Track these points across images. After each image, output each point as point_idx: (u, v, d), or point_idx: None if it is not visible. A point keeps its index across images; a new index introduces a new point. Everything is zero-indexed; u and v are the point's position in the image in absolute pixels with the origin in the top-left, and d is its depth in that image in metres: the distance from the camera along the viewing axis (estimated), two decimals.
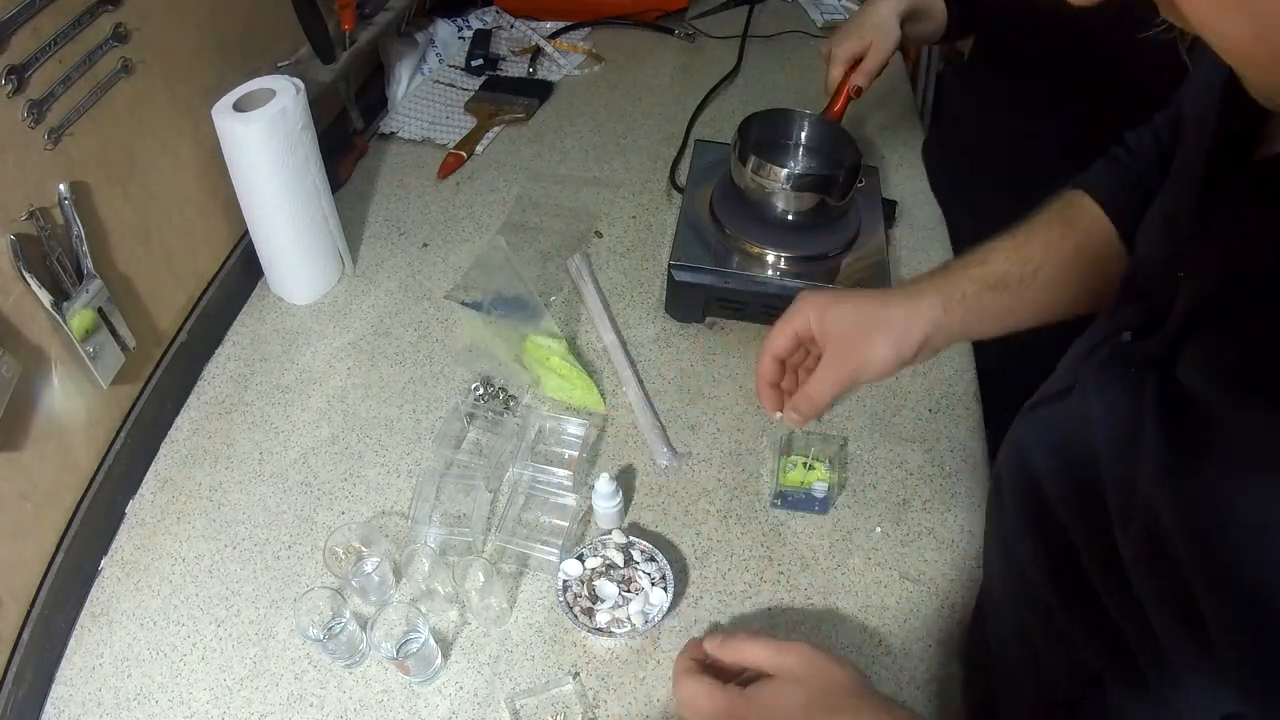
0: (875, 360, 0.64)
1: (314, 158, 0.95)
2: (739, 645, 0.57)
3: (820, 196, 0.96)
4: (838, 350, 0.65)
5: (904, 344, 0.64)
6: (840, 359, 0.65)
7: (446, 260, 1.10)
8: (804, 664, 0.54)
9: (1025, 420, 0.60)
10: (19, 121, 0.70)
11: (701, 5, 1.62)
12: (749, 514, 0.84)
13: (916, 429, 0.91)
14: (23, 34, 0.69)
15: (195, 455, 0.89)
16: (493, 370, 0.95)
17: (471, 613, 0.76)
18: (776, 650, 0.55)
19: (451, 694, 0.71)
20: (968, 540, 0.82)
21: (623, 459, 0.88)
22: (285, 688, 0.72)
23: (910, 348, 0.64)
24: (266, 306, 1.04)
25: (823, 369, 0.66)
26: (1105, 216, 0.66)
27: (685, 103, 1.37)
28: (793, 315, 0.68)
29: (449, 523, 0.82)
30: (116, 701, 0.71)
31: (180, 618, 0.76)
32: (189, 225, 0.95)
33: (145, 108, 0.85)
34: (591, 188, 1.22)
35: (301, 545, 0.81)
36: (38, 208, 0.71)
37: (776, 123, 1.06)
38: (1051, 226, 0.67)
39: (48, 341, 0.74)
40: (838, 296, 0.67)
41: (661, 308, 1.03)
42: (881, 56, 0.98)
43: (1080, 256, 0.65)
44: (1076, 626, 0.53)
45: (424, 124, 1.32)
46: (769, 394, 0.70)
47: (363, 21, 1.20)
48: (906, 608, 0.77)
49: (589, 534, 0.82)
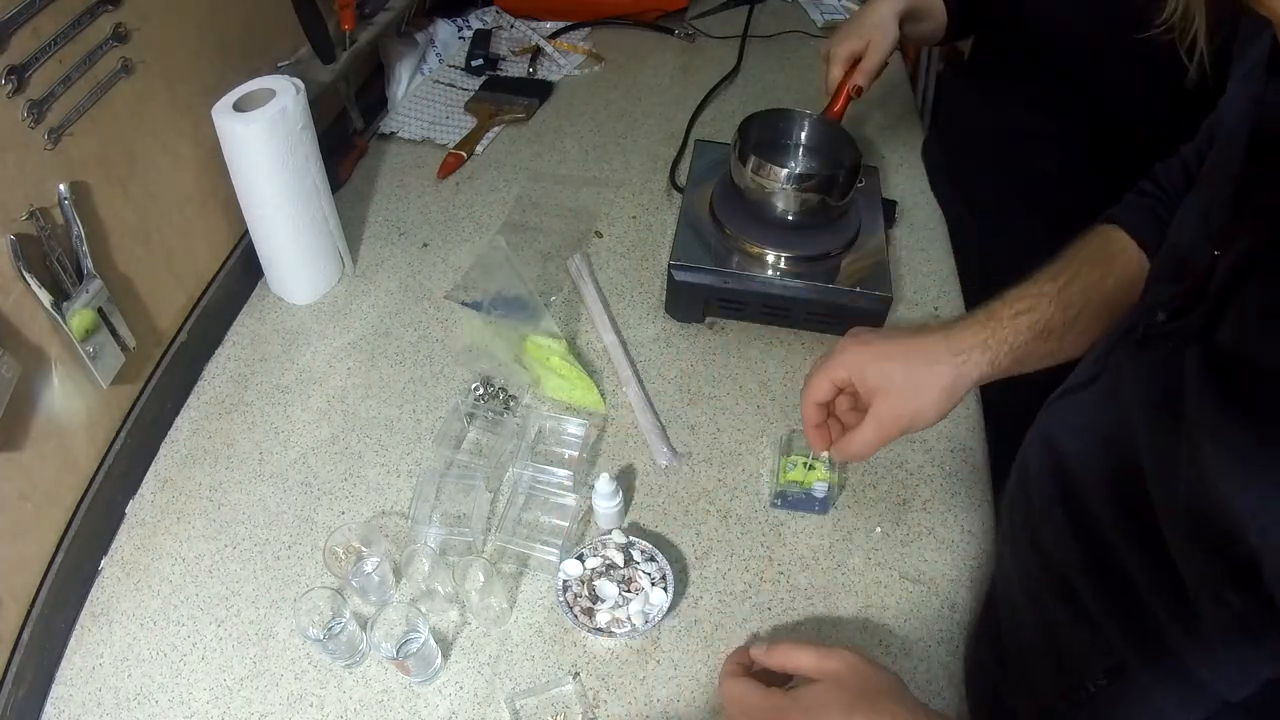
0: (925, 418, 0.65)
1: (314, 158, 0.95)
2: (784, 651, 0.59)
3: (820, 196, 0.96)
4: (886, 409, 0.65)
5: (952, 399, 0.65)
6: (890, 419, 0.65)
7: (446, 260, 1.10)
8: (847, 668, 0.56)
9: (1051, 410, 0.61)
10: (19, 121, 0.70)
11: (701, 5, 1.62)
12: (749, 514, 0.84)
13: None
14: (23, 34, 0.69)
15: (195, 455, 0.89)
16: (493, 370, 0.95)
17: (471, 613, 0.76)
18: (821, 655, 0.57)
19: (451, 694, 0.71)
20: (968, 540, 0.82)
21: (623, 459, 0.88)
22: (285, 688, 0.72)
23: (956, 400, 0.65)
24: (266, 306, 1.04)
25: (870, 426, 0.66)
26: (1139, 251, 0.66)
27: (685, 103, 1.37)
28: (832, 367, 0.68)
29: (449, 523, 0.82)
30: (116, 701, 0.71)
31: (180, 618, 0.76)
32: (189, 225, 0.95)
33: (145, 108, 0.85)
34: (591, 188, 1.22)
35: (301, 545, 0.81)
36: (38, 208, 0.71)
37: (776, 123, 1.06)
38: (1092, 267, 0.66)
39: (48, 341, 0.74)
40: (880, 351, 0.67)
41: (661, 308, 1.03)
42: (880, 55, 0.98)
43: (1117, 294, 0.65)
44: (1103, 609, 0.54)
45: (424, 124, 1.32)
46: (815, 435, 0.71)
47: (363, 21, 1.20)
48: (906, 608, 0.77)
49: (589, 534, 0.82)
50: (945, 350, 0.65)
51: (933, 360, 0.65)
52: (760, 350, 0.99)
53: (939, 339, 0.66)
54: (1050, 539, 0.59)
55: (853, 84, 1.00)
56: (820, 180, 0.96)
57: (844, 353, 0.68)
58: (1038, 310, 0.65)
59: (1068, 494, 0.57)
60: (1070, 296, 0.65)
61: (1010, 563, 0.67)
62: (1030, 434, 0.63)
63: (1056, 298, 0.65)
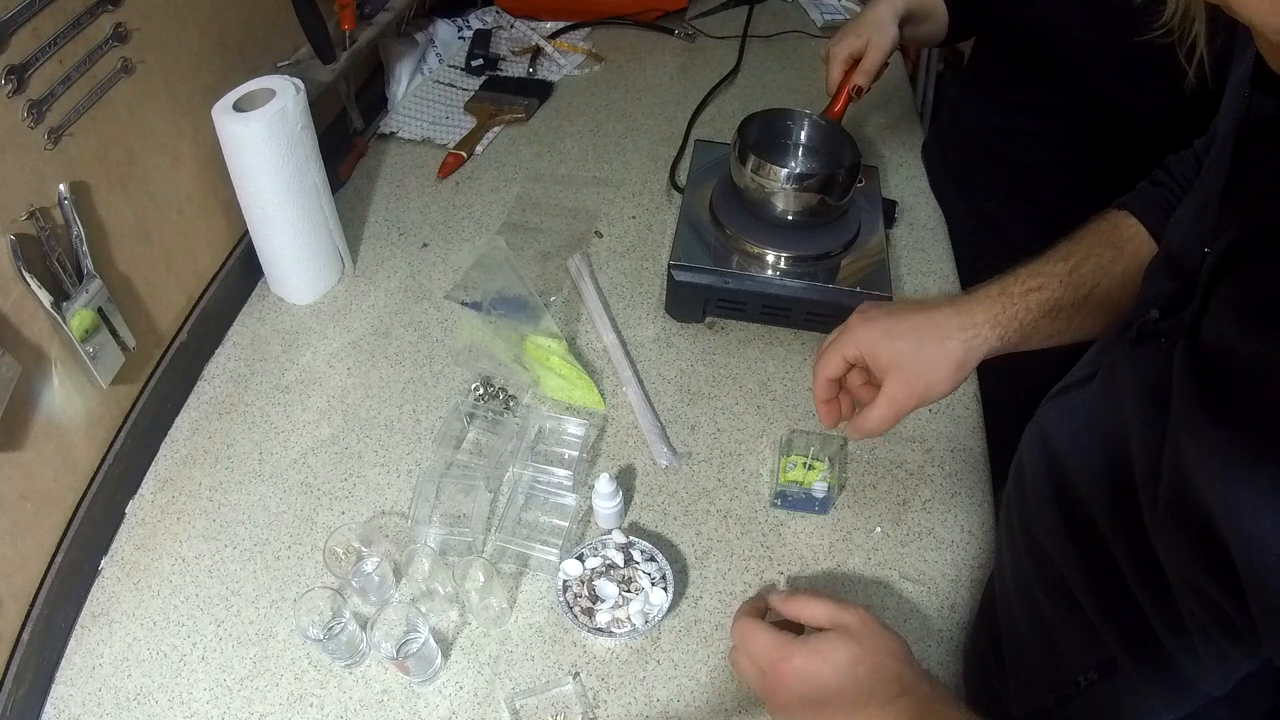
0: (936, 392, 0.66)
1: (314, 158, 0.95)
2: (801, 601, 0.60)
3: (820, 196, 0.96)
4: (899, 385, 0.66)
5: (962, 373, 0.66)
6: (903, 394, 0.66)
7: (446, 260, 1.10)
8: (860, 623, 0.57)
9: (1049, 406, 0.61)
10: (19, 121, 0.70)
11: (701, 5, 1.62)
12: (749, 514, 0.84)
13: (916, 429, 0.91)
14: (23, 34, 0.69)
15: (195, 455, 0.89)
16: (493, 370, 0.95)
17: (471, 613, 0.76)
18: (836, 609, 0.59)
19: (451, 694, 0.71)
20: (968, 540, 0.82)
21: (623, 459, 0.88)
22: (285, 688, 0.72)
23: (967, 373, 0.66)
24: (266, 306, 1.04)
25: (884, 404, 0.67)
26: (1149, 237, 0.67)
27: (685, 103, 1.37)
28: (843, 344, 0.68)
29: (449, 523, 0.82)
30: (116, 701, 0.71)
31: (180, 618, 0.76)
32: (189, 225, 0.95)
33: (145, 108, 0.85)
34: (591, 188, 1.22)
35: (301, 545, 0.81)
36: (38, 208, 0.71)
37: (776, 123, 1.06)
38: (1102, 250, 0.67)
39: (48, 341, 0.74)
40: (890, 327, 0.67)
41: (661, 308, 1.03)
42: (880, 54, 0.98)
43: (1126, 279, 0.66)
44: (1094, 603, 0.54)
45: (424, 124, 1.32)
46: (825, 410, 0.73)
47: (363, 21, 1.20)
48: (906, 608, 0.77)
49: (589, 534, 0.82)
50: (955, 325, 0.66)
51: (943, 336, 0.65)
52: (760, 350, 0.99)
53: (949, 314, 0.66)
54: (1044, 534, 0.59)
55: (853, 84, 1.00)
56: (820, 180, 0.96)
57: (854, 330, 0.68)
58: (1048, 289, 0.66)
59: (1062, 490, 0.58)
60: (1081, 277, 0.66)
61: (1006, 559, 0.68)
62: (1028, 431, 0.64)
63: (1067, 278, 0.66)
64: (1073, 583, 0.56)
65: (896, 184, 1.22)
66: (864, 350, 0.67)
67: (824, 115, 1.03)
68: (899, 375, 0.66)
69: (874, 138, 1.30)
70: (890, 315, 0.68)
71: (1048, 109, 1.02)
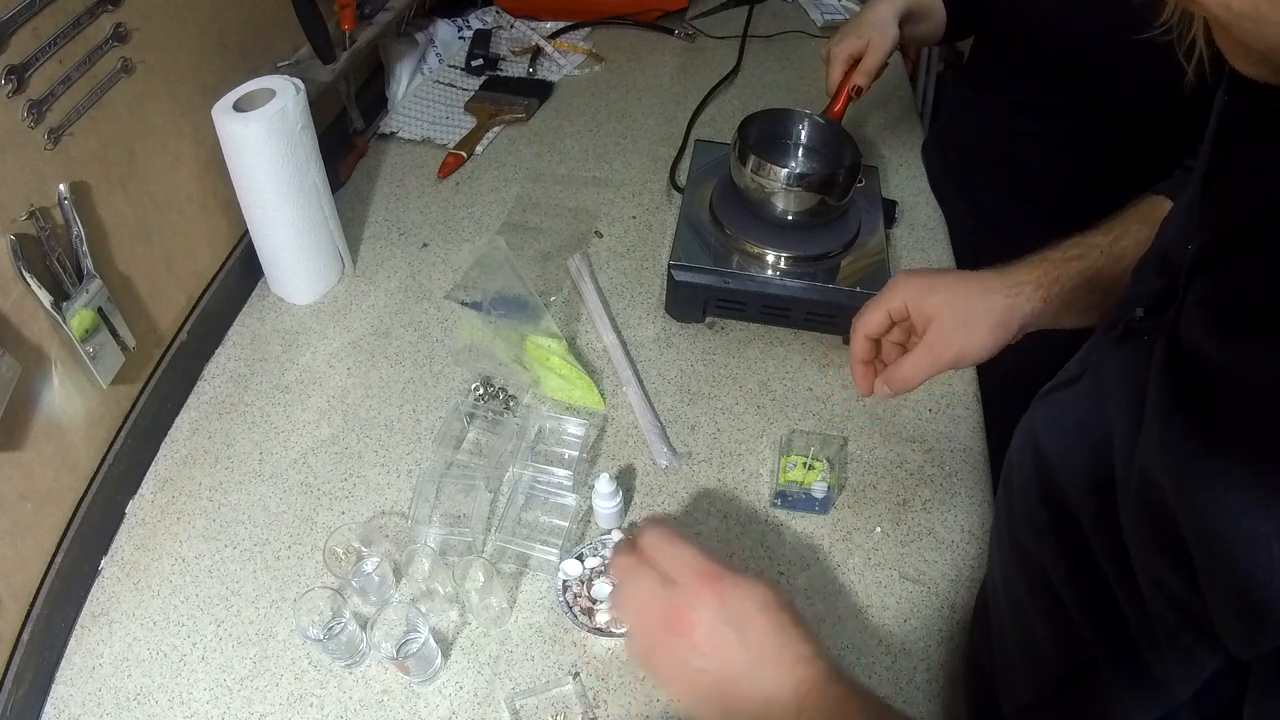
0: (976, 347, 0.65)
1: (314, 158, 0.95)
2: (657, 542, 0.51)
3: (820, 196, 0.96)
4: (939, 335, 0.66)
5: (1005, 331, 0.65)
6: (942, 344, 0.66)
7: (446, 260, 1.10)
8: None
9: (1038, 405, 0.61)
10: (19, 121, 0.70)
11: (701, 5, 1.62)
12: (749, 514, 0.84)
13: (916, 429, 0.91)
14: (23, 34, 0.69)
15: (195, 455, 0.89)
16: (493, 370, 0.95)
17: (471, 613, 0.76)
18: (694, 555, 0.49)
19: (451, 694, 0.71)
20: (968, 540, 0.82)
21: (623, 459, 0.88)
22: (285, 688, 0.72)
23: (1009, 335, 0.66)
24: (266, 306, 1.04)
25: (922, 352, 0.66)
26: None
27: (685, 103, 1.37)
28: (890, 296, 0.68)
29: (449, 523, 0.82)
30: (116, 701, 0.71)
31: (180, 618, 0.76)
32: (189, 225, 0.95)
33: (145, 108, 0.85)
34: (591, 188, 1.22)
35: (301, 545, 0.81)
36: (38, 208, 0.71)
37: (776, 123, 1.06)
38: (1140, 228, 0.67)
39: (48, 341, 0.74)
40: (935, 281, 0.67)
41: (661, 308, 1.03)
42: (880, 54, 0.98)
43: None
44: (1076, 603, 0.54)
45: (424, 124, 1.32)
46: (862, 371, 0.71)
47: (363, 21, 1.20)
48: (906, 608, 0.77)
49: (589, 534, 0.82)
50: (1000, 284, 0.66)
51: (986, 290, 0.66)
52: (760, 350, 0.99)
53: (992, 274, 0.67)
54: (1030, 533, 0.59)
55: (853, 84, 1.00)
56: (820, 180, 0.96)
57: (898, 284, 0.68)
58: (1089, 258, 0.66)
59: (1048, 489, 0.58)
60: (1120, 250, 0.66)
61: (996, 558, 0.68)
62: (1018, 430, 0.64)
63: (1108, 249, 0.66)
64: (1056, 581, 0.56)
65: (896, 184, 1.22)
66: (909, 299, 0.67)
67: (824, 115, 1.03)
68: (939, 326, 0.66)
69: (874, 138, 1.30)
70: (934, 273, 0.69)
71: (1048, 108, 1.02)
